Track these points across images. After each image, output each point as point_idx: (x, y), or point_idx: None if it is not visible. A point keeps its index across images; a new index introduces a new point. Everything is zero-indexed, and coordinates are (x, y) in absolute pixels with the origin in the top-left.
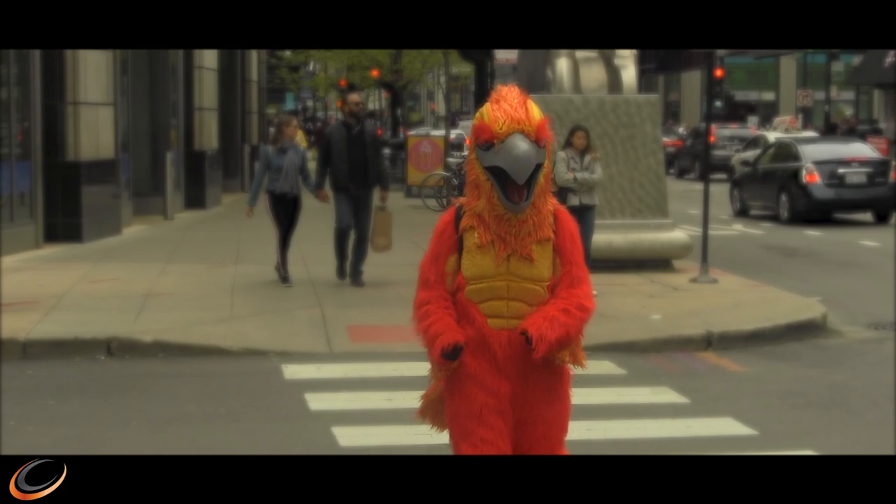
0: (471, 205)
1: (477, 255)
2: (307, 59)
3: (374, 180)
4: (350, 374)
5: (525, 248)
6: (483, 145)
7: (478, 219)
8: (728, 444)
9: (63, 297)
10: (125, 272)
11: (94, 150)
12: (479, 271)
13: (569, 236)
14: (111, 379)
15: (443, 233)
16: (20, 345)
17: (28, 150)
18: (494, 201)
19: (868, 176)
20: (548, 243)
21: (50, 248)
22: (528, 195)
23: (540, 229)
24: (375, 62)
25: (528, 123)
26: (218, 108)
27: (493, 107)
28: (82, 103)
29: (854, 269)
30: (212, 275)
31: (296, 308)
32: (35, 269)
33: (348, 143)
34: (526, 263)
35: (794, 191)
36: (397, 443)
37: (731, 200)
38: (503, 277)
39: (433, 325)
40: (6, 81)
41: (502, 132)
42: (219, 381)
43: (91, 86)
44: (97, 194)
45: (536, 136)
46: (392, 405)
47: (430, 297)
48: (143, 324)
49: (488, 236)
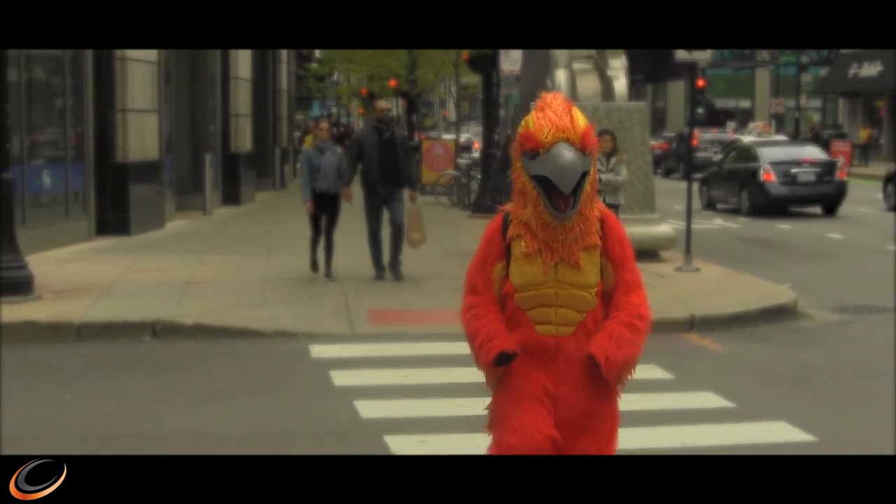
0: (517, 213)
1: (524, 264)
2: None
3: (404, 181)
4: (370, 354)
5: (572, 256)
6: (529, 154)
7: (525, 227)
8: (709, 416)
9: (112, 284)
10: (168, 262)
11: (140, 152)
12: (527, 279)
13: (617, 241)
14: (156, 358)
15: (491, 240)
16: (74, 327)
17: (81, 153)
18: (541, 209)
19: (817, 175)
20: (595, 249)
21: (101, 241)
22: (574, 203)
23: (586, 236)
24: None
25: (573, 132)
26: (251, 115)
27: (538, 115)
28: (130, 110)
29: (821, 259)
30: (246, 265)
31: (322, 295)
32: (87, 260)
33: (379, 146)
34: (573, 270)
35: (753, 188)
36: (414, 415)
37: (700, 195)
38: (551, 285)
39: (486, 327)
40: (62, 90)
41: (547, 141)
42: (252, 360)
43: (138, 94)
44: (143, 192)
45: (581, 145)
46: (408, 381)
47: (480, 301)
48: (185, 308)
49: (535, 244)
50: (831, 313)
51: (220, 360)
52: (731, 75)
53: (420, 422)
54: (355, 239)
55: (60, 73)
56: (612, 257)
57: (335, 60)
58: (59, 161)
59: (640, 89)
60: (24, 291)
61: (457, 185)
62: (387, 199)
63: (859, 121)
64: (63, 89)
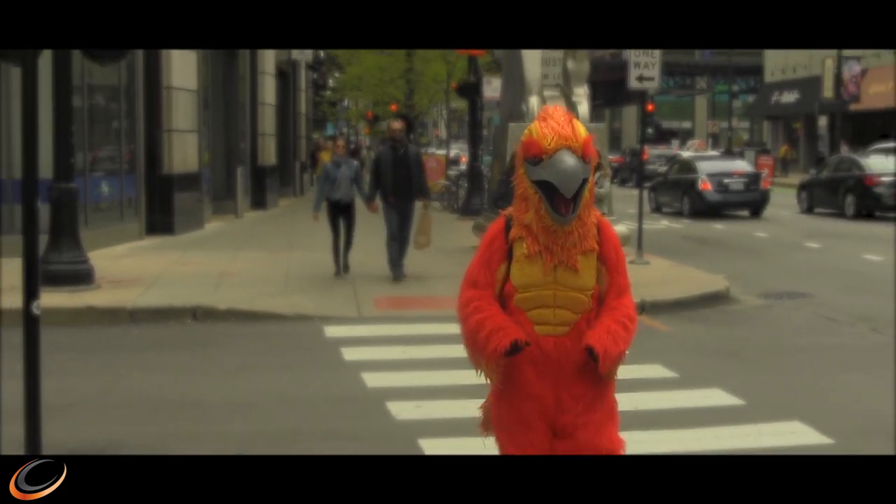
0: (519, 217)
1: (526, 265)
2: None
3: (417, 193)
4: (374, 333)
5: (571, 259)
6: (531, 160)
7: (526, 230)
8: (657, 384)
9: (160, 276)
10: (206, 257)
11: (182, 165)
12: (528, 280)
13: (612, 247)
14: (196, 337)
15: (493, 241)
16: (128, 312)
17: (134, 166)
18: (542, 213)
19: (745, 184)
20: (592, 254)
21: (149, 240)
22: (574, 208)
23: (585, 240)
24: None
25: (574, 140)
26: (276, 134)
27: (541, 124)
28: (174, 130)
29: (749, 254)
30: (271, 260)
31: (334, 285)
32: (138, 256)
33: (394, 162)
34: (572, 273)
35: (693, 195)
36: (412, 384)
37: (649, 201)
38: (550, 286)
39: (492, 318)
40: (118, 114)
41: (550, 148)
42: (276, 339)
43: (181, 117)
44: (185, 199)
45: (582, 153)
46: (407, 356)
47: (479, 296)
48: (220, 296)
49: (536, 247)
50: (757, 298)
51: (249, 339)
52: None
53: (417, 390)
54: (367, 244)
55: (117, 99)
56: (607, 262)
57: (345, 88)
58: (115, 173)
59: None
60: (85, 282)
61: (447, 192)
62: (401, 210)
63: (780, 139)
64: (119, 113)
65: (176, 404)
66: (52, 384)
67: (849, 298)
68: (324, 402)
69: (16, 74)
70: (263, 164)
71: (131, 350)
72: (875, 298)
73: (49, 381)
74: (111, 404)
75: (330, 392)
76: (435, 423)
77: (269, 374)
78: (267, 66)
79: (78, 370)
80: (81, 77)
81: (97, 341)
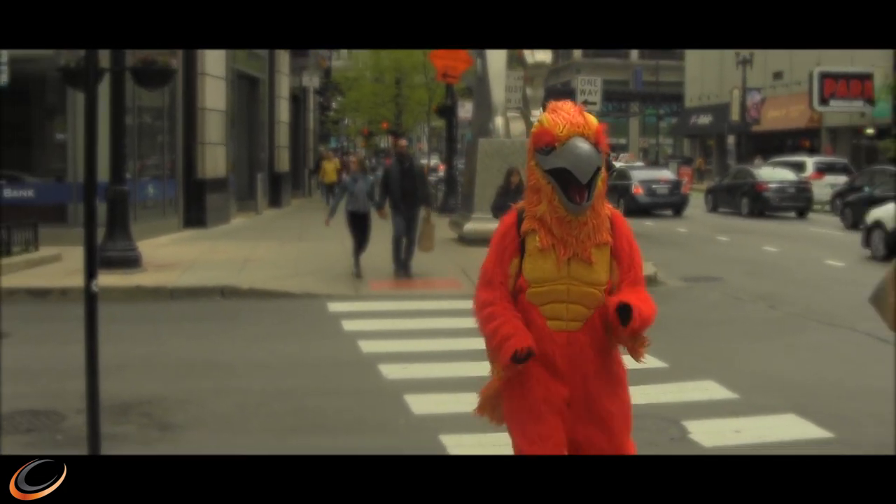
0: (532, 209)
1: (539, 259)
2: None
3: (421, 202)
4: (369, 308)
5: (585, 252)
6: (543, 149)
7: (539, 222)
8: None
9: (194, 261)
10: (232, 246)
11: (213, 171)
12: (541, 274)
13: (626, 240)
14: (224, 312)
15: (505, 235)
16: (169, 291)
17: (175, 172)
18: (556, 204)
19: (669, 189)
20: (605, 247)
21: (186, 232)
22: (588, 196)
23: (599, 233)
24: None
25: (587, 127)
26: (289, 146)
27: (551, 115)
28: (207, 143)
29: (673, 245)
30: (285, 248)
31: (337, 269)
32: (177, 245)
33: (401, 175)
34: (585, 266)
35: (628, 197)
36: (401, 350)
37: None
38: (564, 281)
39: (503, 326)
40: (161, 130)
41: (563, 135)
42: (288, 313)
43: (212, 132)
44: (215, 199)
45: (596, 140)
46: (396, 327)
47: (494, 298)
48: (243, 278)
49: (549, 239)
50: (679, 281)
51: (267, 313)
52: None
53: (404, 354)
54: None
55: (160, 118)
56: (620, 256)
57: (346, 110)
58: (159, 178)
59: None
60: (134, 266)
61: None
62: (407, 215)
63: (697, 153)
64: (162, 129)
65: (207, 365)
66: (107, 349)
67: (751, 281)
68: (326, 364)
69: (80, 97)
70: (279, 170)
71: (171, 321)
72: (771, 281)
73: (105, 347)
74: (155, 365)
75: (331, 356)
76: (420, 381)
77: (282, 342)
78: (282, 91)
79: (128, 337)
80: (132, 100)
81: (144, 314)
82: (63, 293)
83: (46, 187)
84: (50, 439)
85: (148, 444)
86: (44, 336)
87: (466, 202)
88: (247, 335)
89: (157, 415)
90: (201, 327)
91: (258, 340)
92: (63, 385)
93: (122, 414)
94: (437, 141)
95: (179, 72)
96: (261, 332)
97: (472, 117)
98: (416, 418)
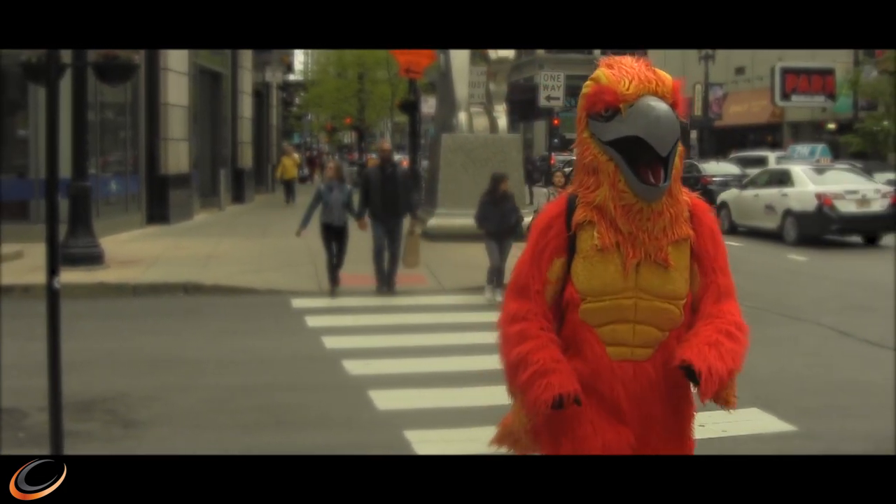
0: (587, 196)
1: (598, 263)
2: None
3: (404, 210)
4: (333, 305)
5: (660, 252)
6: (602, 115)
7: (597, 212)
8: None
9: (157, 257)
10: (195, 242)
11: (176, 167)
12: (600, 284)
13: (709, 235)
14: (187, 308)
15: (548, 228)
16: (132, 287)
17: (137, 168)
18: (621, 187)
19: None
20: (685, 245)
21: (149, 228)
22: (666, 175)
23: (677, 224)
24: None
25: (660, 84)
26: (252, 142)
27: (609, 70)
28: (170, 139)
29: None
30: (249, 244)
31: (300, 265)
32: (140, 241)
33: (383, 181)
34: (660, 273)
35: None
36: (363, 346)
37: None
38: (631, 293)
39: (536, 354)
40: (124, 126)
41: (631, 93)
42: (252, 309)
43: (175, 128)
44: (178, 195)
45: (673, 100)
46: (359, 323)
47: (527, 313)
48: (206, 274)
49: (612, 236)
50: None
51: (230, 309)
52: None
53: (367, 350)
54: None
55: (123, 114)
56: (702, 256)
57: (309, 105)
58: (121, 174)
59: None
60: (97, 262)
61: None
62: (390, 226)
63: None
64: (125, 125)
65: (171, 361)
66: (70, 346)
67: None
68: (291, 360)
69: (41, 93)
70: (242, 166)
71: (134, 318)
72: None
73: (68, 344)
74: (118, 362)
75: (296, 352)
76: (384, 377)
77: (246, 338)
78: (245, 86)
79: (91, 334)
80: (95, 95)
81: (107, 311)
82: (25, 290)
83: (8, 184)
84: (12, 437)
85: (112, 441)
86: (5, 333)
87: (430, 197)
88: (211, 331)
89: (121, 412)
90: (165, 324)
91: (222, 337)
92: (25, 382)
93: (86, 411)
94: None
95: (142, 67)
96: (225, 329)
97: (436, 113)
98: (380, 414)
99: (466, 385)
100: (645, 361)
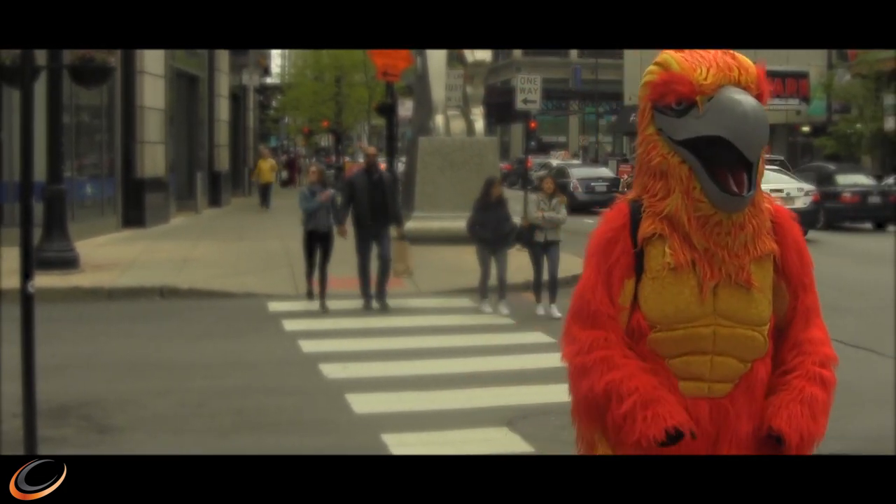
0: (655, 204)
1: (670, 285)
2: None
3: (392, 218)
4: (310, 308)
5: (742, 270)
6: (674, 108)
7: (668, 224)
8: (537, 348)
9: (133, 261)
10: (171, 246)
11: (152, 170)
12: (673, 310)
13: (795, 248)
14: (163, 312)
15: (612, 243)
16: (107, 291)
17: (113, 171)
18: (696, 195)
19: (607, 186)
20: (768, 262)
21: (125, 232)
22: (751, 183)
23: (760, 238)
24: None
25: (744, 72)
26: (229, 145)
27: (680, 55)
28: (146, 142)
29: None
30: (225, 248)
31: (276, 268)
32: (116, 245)
33: (369, 187)
34: (741, 295)
35: (567, 194)
36: (339, 350)
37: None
38: (709, 320)
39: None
40: (100, 129)
41: (709, 84)
42: (229, 313)
43: (151, 131)
44: (154, 198)
45: (759, 91)
46: (336, 326)
47: (607, 341)
48: (183, 277)
49: (687, 253)
50: None
51: (207, 313)
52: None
53: (344, 354)
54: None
55: (99, 117)
56: (788, 273)
57: (286, 108)
58: (97, 177)
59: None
60: (72, 266)
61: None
62: (376, 234)
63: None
64: (101, 128)
65: (147, 366)
66: (45, 350)
67: None
68: (268, 363)
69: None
70: (219, 169)
71: (110, 322)
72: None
73: (43, 348)
74: (94, 366)
75: (273, 356)
76: (361, 381)
77: (223, 341)
78: (222, 89)
79: (66, 338)
80: (70, 98)
81: (82, 315)
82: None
83: None
84: None
85: (87, 446)
86: None
87: (407, 200)
88: (187, 335)
89: (97, 416)
90: (140, 328)
91: (198, 341)
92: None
93: (61, 416)
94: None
95: (118, 70)
96: (201, 332)
97: (413, 115)
98: (357, 417)
99: (444, 388)
100: (723, 398)
